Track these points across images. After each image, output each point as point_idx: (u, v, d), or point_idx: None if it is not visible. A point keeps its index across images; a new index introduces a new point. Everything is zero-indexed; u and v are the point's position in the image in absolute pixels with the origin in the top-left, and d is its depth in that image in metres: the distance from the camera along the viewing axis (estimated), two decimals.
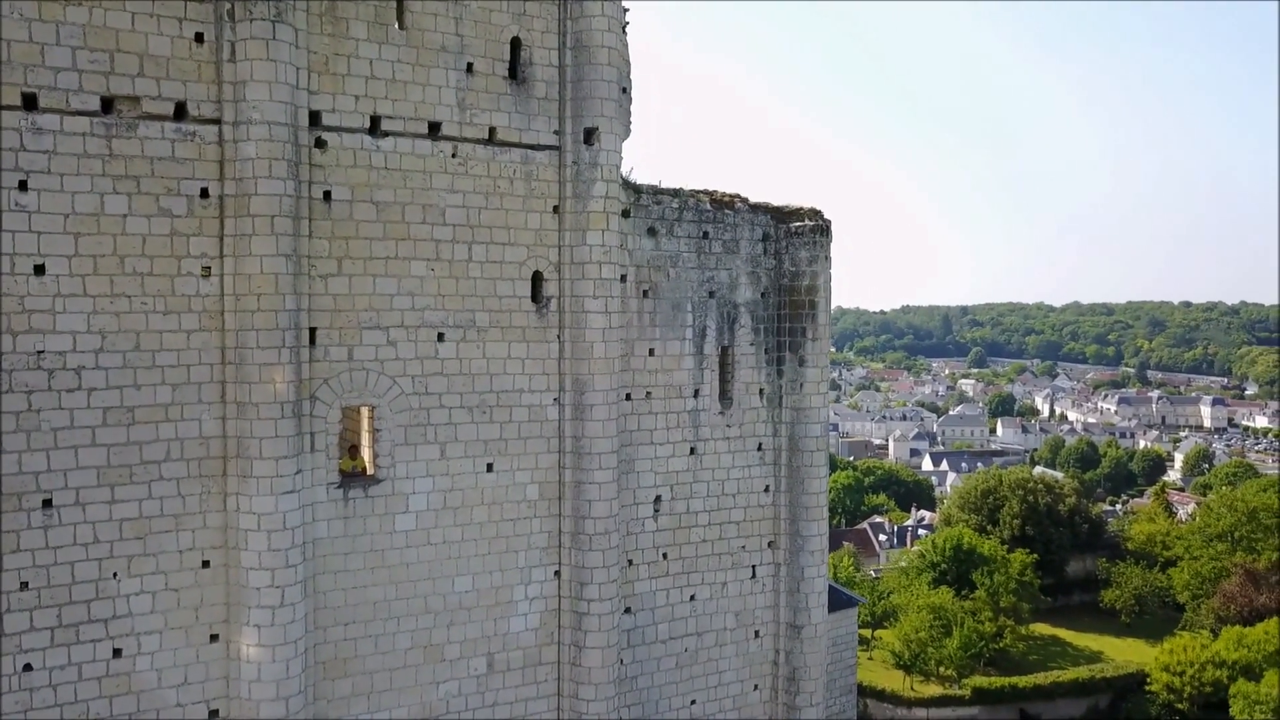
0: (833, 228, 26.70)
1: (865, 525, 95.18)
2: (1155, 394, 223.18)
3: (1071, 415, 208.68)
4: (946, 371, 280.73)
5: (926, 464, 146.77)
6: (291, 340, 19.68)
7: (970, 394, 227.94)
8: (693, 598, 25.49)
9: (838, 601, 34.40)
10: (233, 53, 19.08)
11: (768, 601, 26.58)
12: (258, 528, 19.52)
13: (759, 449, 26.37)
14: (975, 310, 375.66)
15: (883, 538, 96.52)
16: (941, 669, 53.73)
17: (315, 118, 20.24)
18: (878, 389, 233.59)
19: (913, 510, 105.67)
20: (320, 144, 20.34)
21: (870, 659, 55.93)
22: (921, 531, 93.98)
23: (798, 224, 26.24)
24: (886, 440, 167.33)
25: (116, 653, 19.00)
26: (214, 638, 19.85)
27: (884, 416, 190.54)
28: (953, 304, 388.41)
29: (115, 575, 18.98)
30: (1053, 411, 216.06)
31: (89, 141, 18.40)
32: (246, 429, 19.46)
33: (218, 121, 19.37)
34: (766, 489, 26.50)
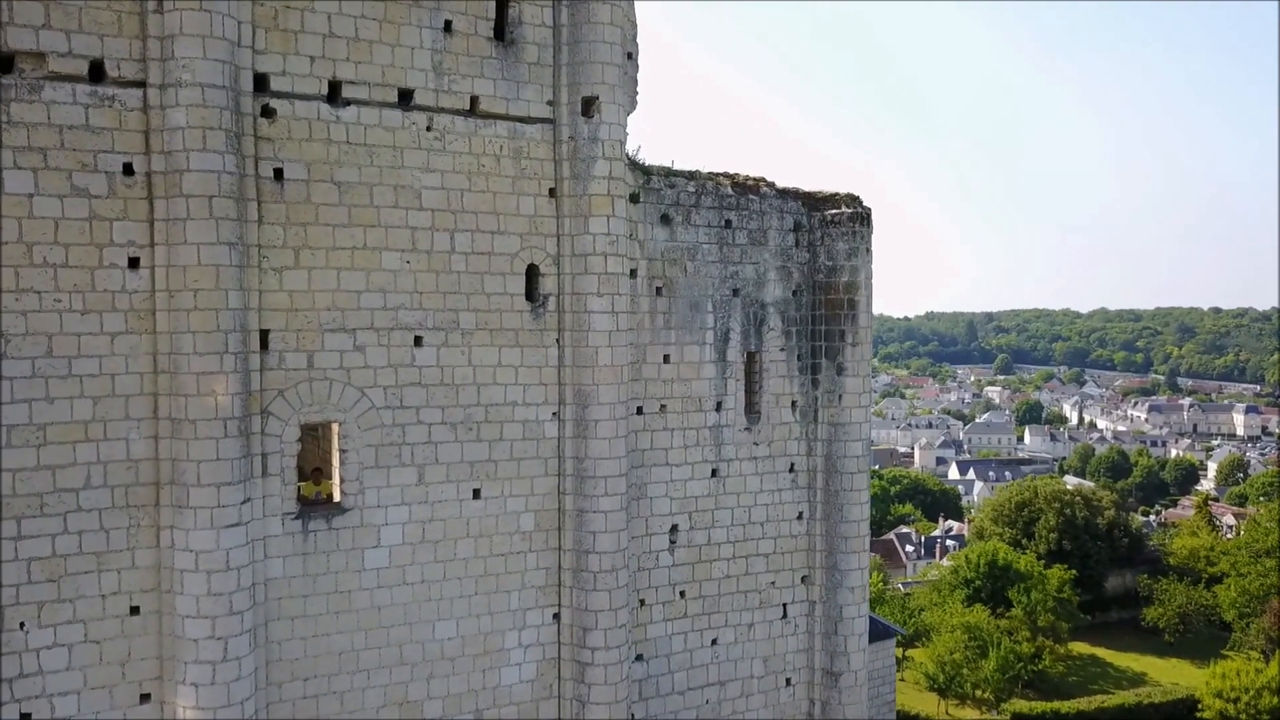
0: (873, 216, 23.36)
1: (891, 536, 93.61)
2: (1186, 401, 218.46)
3: (1101, 423, 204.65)
4: (972, 379, 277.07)
5: (953, 473, 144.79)
6: (236, 344, 16.53)
7: (997, 401, 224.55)
8: (714, 642, 22.15)
9: (874, 631, 31.53)
10: (159, 1, 15.97)
11: (801, 645, 23.21)
12: (195, 567, 16.36)
13: (791, 470, 23.02)
14: (1001, 317, 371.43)
15: (909, 548, 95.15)
16: (978, 692, 51.34)
17: (262, 81, 17.12)
18: (902, 396, 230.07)
19: (940, 520, 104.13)
20: (268, 113, 17.22)
21: (902, 680, 53.26)
22: (950, 543, 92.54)
23: (834, 212, 22.93)
24: (912, 448, 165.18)
25: (24, 718, 15.88)
26: (145, 698, 16.73)
27: (909, 424, 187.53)
28: (978, 310, 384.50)
29: (22, 625, 15.87)
30: (1081, 419, 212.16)
31: None
32: (182, 450, 16.32)
33: (142, 84, 16.27)
34: (799, 516, 23.15)
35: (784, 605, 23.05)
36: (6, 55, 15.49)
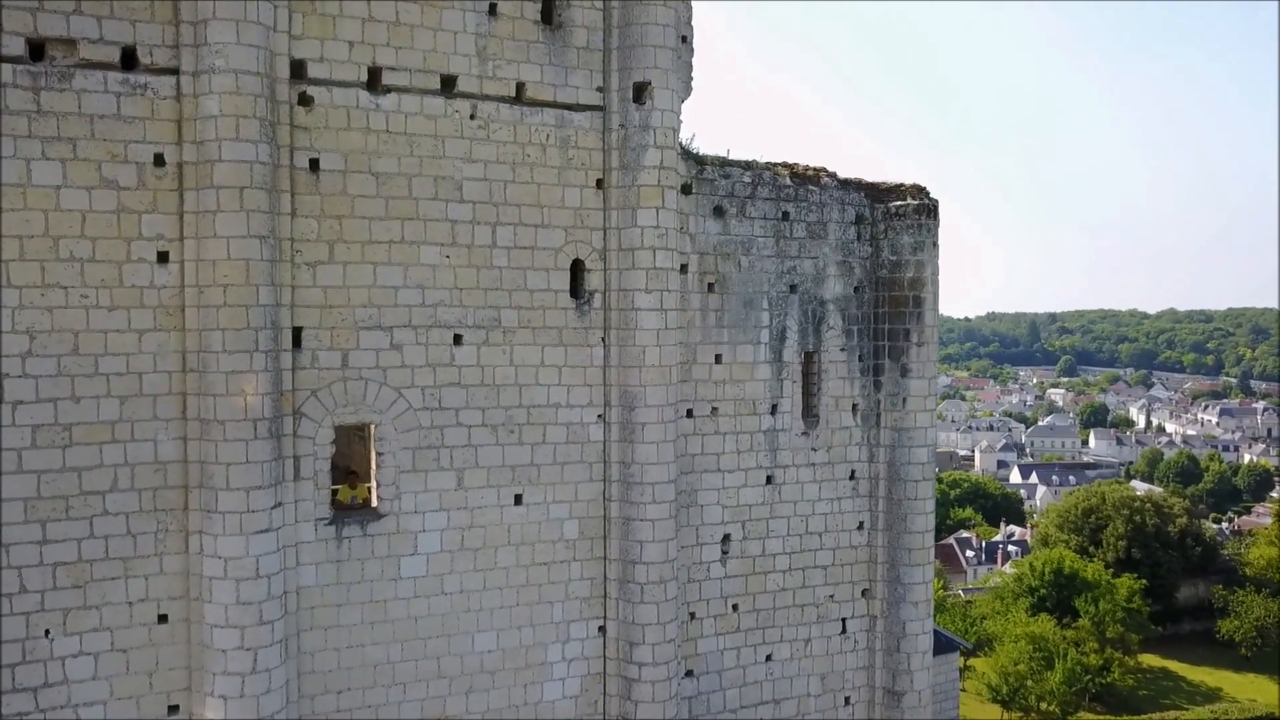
0: (940, 208, 22.01)
1: (951, 540, 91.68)
2: (1260, 405, 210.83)
3: (1169, 427, 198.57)
4: (1035, 380, 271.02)
5: (1015, 476, 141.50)
6: (267, 342, 15.80)
7: (1060, 404, 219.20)
8: (769, 658, 20.99)
9: (937, 644, 30.10)
10: None
11: (860, 662, 21.95)
12: (224, 575, 15.67)
13: (851, 477, 21.76)
14: (1064, 317, 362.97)
15: (970, 553, 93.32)
16: (1043, 705, 49.43)
17: (299, 68, 16.38)
18: (962, 398, 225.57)
19: (1001, 525, 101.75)
20: (305, 101, 16.47)
21: (963, 690, 51.67)
22: (1011, 548, 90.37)
23: (898, 203, 21.62)
24: (972, 451, 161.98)
25: None
26: (173, 709, 16.14)
27: (970, 427, 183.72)
28: (1040, 310, 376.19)
29: (47, 633, 15.32)
30: (1149, 423, 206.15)
31: (11, 95, 14.80)
32: (210, 452, 15.64)
33: (175, 71, 15.61)
34: (860, 526, 21.89)
35: (843, 620, 21.80)
36: (37, 43, 14.95)
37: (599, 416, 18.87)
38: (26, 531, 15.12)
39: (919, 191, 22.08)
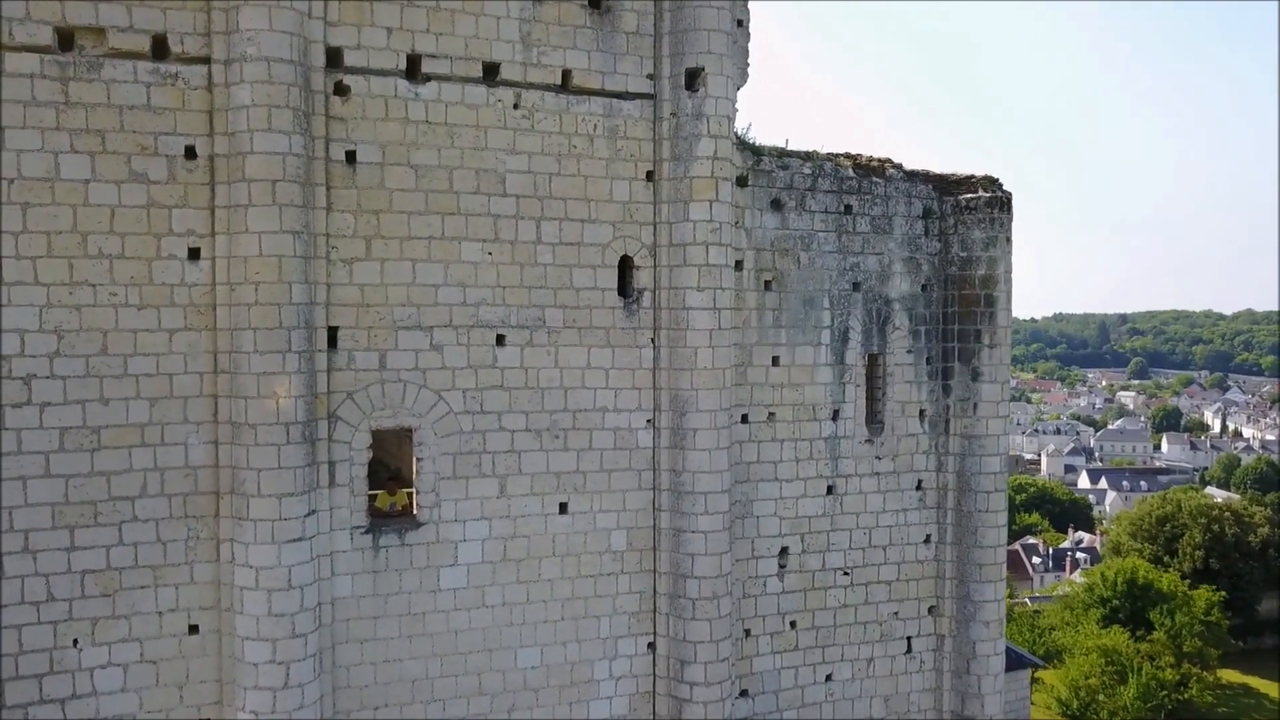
0: (1014, 201, 20.64)
1: (1017, 546, 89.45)
2: None
3: (1246, 431, 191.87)
4: (1104, 383, 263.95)
5: (1083, 481, 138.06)
6: (301, 342, 15.11)
7: (1131, 407, 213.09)
8: (829, 678, 19.82)
9: (1007, 660, 28.71)
10: None
11: (927, 684, 20.67)
12: (255, 585, 15.01)
13: (918, 488, 20.48)
14: (1135, 318, 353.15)
15: (1036, 560, 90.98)
16: None
17: (335, 56, 15.66)
18: (1029, 400, 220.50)
19: (1069, 532, 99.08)
20: (341, 90, 15.74)
21: (1030, 703, 49.78)
22: (1080, 555, 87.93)
23: (969, 196, 20.31)
24: (1039, 455, 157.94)
25: None
26: None
27: (1036, 430, 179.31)
28: (1110, 311, 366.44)
29: (76, 643, 14.81)
30: (1225, 427, 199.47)
31: (39, 85, 14.28)
32: (242, 457, 14.99)
33: (206, 60, 15.00)
34: (927, 539, 20.60)
35: (908, 639, 20.54)
36: (66, 32, 14.42)
37: (648, 421, 17.88)
38: (54, 538, 14.61)
39: (991, 183, 20.73)
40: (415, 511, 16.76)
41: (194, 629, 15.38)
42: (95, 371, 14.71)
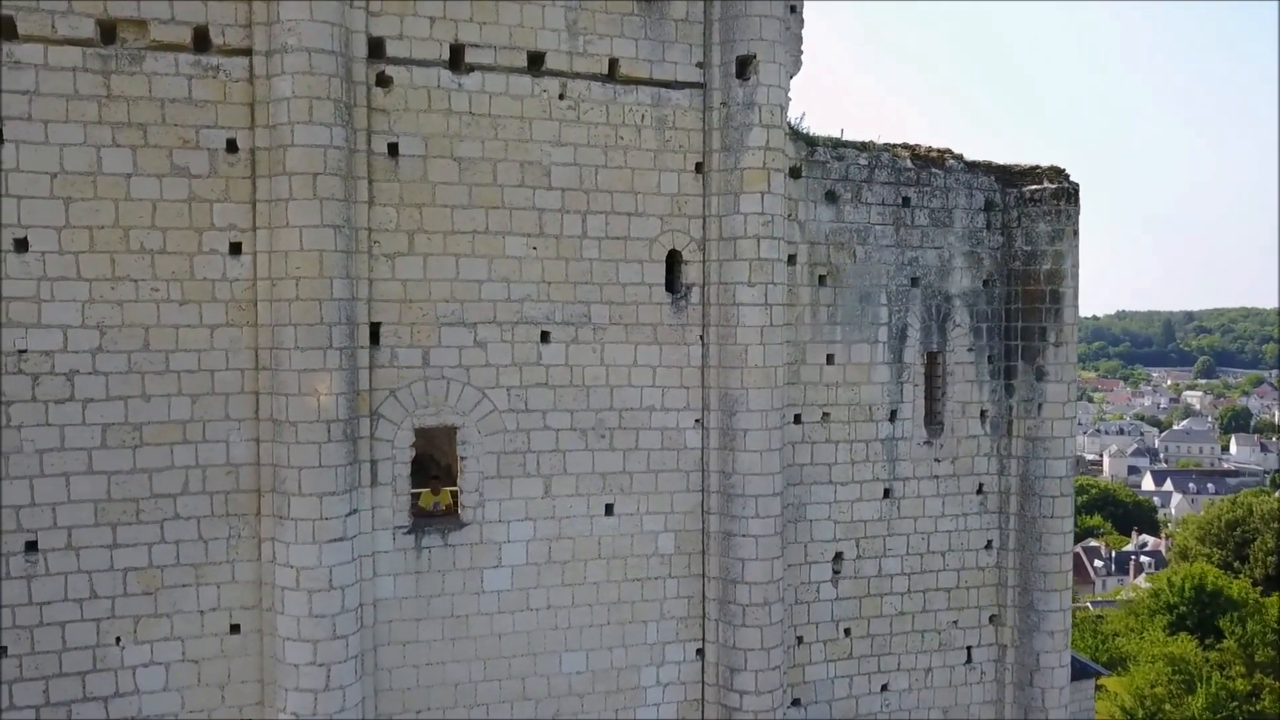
0: (1080, 193, 19.72)
1: (1079, 549, 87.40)
2: None
3: None
4: (1169, 382, 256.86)
5: (1147, 483, 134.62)
6: (342, 339, 14.84)
7: (1197, 407, 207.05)
8: (885, 688, 19.10)
9: (1072, 669, 27.70)
10: None
11: (987, 695, 19.84)
12: (296, 585, 14.78)
13: (979, 492, 19.67)
14: (1202, 316, 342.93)
15: (1099, 563, 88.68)
16: None
17: (377, 47, 15.37)
18: (1090, 399, 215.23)
19: (1133, 534, 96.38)
20: (383, 81, 15.45)
21: (1094, 713, 48.29)
22: (1144, 559, 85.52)
23: (1034, 188, 19.43)
24: (1101, 456, 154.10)
25: None
26: None
27: (1098, 430, 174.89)
28: (1175, 309, 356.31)
29: (118, 641, 14.70)
30: None
31: (82, 79, 14.17)
32: (282, 455, 14.76)
33: (248, 52, 14.79)
34: (988, 545, 19.78)
35: (968, 649, 19.72)
36: (108, 25, 14.29)
37: (696, 421, 17.34)
38: (97, 535, 14.51)
39: (1057, 174, 19.83)
40: (459, 511, 16.42)
41: (235, 628, 15.20)
42: (137, 368, 14.58)
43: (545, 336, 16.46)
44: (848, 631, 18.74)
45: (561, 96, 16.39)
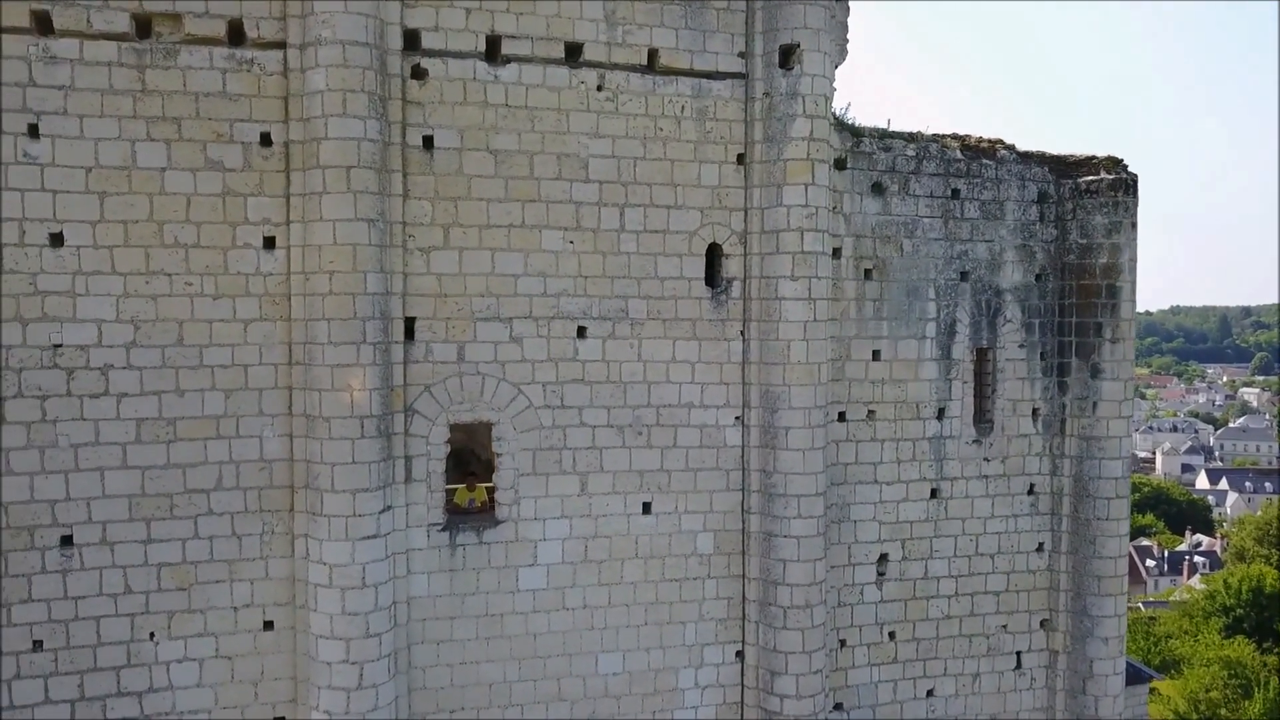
0: (1139, 185, 18.95)
1: (1130, 548, 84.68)
2: None
3: None
4: (1225, 379, 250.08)
5: (1201, 481, 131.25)
6: (376, 333, 14.65)
7: (1255, 404, 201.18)
8: (930, 693, 18.57)
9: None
10: None
11: (1038, 702, 19.22)
12: (329, 583, 14.63)
13: (1030, 492, 19.03)
14: (1260, 311, 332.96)
15: (1150, 563, 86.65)
16: None
17: (412, 39, 15.14)
18: (1143, 396, 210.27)
19: (1186, 534, 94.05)
20: (418, 74, 15.22)
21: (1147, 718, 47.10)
22: (1198, 559, 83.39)
23: (1090, 179, 18.72)
24: (1153, 453, 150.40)
25: None
26: None
27: (1150, 427, 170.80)
28: (1232, 304, 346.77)
29: (152, 636, 14.67)
30: None
31: (116, 73, 14.10)
32: (315, 451, 14.62)
33: (282, 45, 14.64)
34: (1039, 548, 19.14)
35: (1017, 654, 19.11)
36: (143, 19, 14.20)
37: (737, 419, 16.93)
38: (131, 530, 14.47)
39: (1114, 164, 19.08)
40: (494, 509, 16.19)
41: (269, 625, 15.10)
42: (171, 362, 14.51)
43: (582, 332, 16.15)
44: (892, 635, 18.23)
45: (600, 88, 16.05)
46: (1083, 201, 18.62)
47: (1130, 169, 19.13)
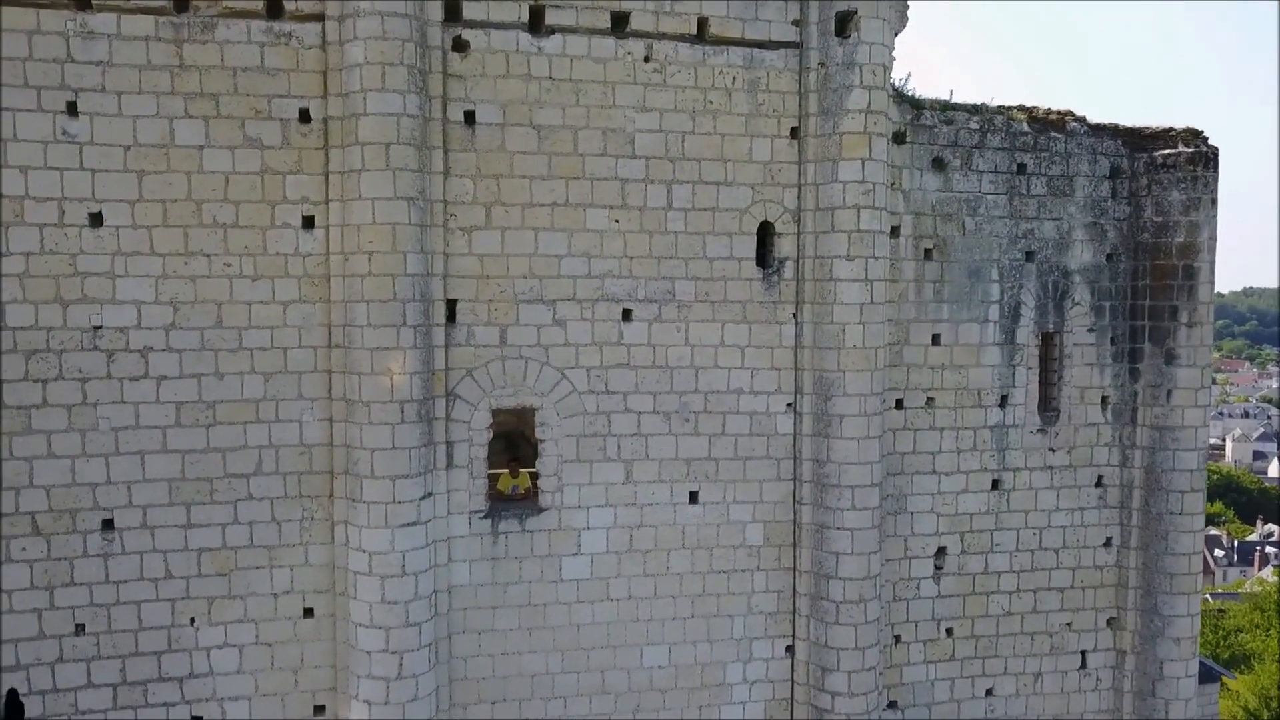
0: (1219, 159, 17.86)
1: None
2: None
3: None
4: None
5: (1274, 469, 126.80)
6: (416, 316, 14.26)
7: None
8: (989, 692, 17.83)
9: None
10: None
11: (1104, 704, 18.37)
12: (368, 571, 14.34)
13: (1098, 484, 18.11)
14: None
15: (1219, 553, 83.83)
16: None
17: (453, 10, 14.64)
18: (1214, 381, 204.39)
19: (1258, 524, 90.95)
20: (460, 46, 14.72)
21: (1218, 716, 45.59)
22: (1269, 550, 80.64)
23: (1167, 152, 17.67)
24: (1224, 440, 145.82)
25: None
26: (319, 710, 15.04)
27: (1221, 413, 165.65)
28: None
29: (193, 621, 14.52)
30: None
31: (154, 48, 13.81)
32: (355, 436, 14.29)
33: (320, 18, 14.23)
34: (1107, 543, 18.24)
35: (1082, 653, 18.26)
36: None
37: (788, 405, 16.27)
38: (171, 514, 14.30)
39: (1193, 137, 18.00)
40: (537, 496, 15.77)
41: (309, 612, 14.87)
42: (210, 345, 14.26)
43: (627, 314, 15.60)
44: (950, 632, 17.50)
45: (647, 59, 15.42)
46: (1158, 177, 17.59)
47: (1210, 142, 18.04)
